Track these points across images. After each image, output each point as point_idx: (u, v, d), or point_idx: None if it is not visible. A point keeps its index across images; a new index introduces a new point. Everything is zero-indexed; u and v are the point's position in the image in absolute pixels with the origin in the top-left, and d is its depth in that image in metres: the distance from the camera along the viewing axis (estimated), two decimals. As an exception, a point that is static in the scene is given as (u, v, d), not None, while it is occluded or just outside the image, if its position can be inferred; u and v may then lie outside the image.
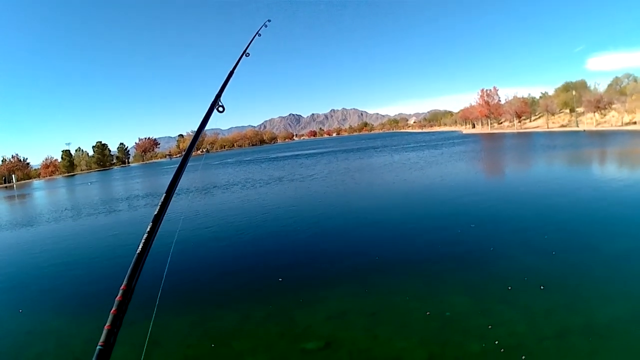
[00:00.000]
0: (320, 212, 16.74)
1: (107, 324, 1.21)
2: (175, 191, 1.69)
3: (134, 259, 1.39)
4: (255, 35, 3.51)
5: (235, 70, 2.86)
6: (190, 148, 2.04)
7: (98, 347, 1.15)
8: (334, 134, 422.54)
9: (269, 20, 3.85)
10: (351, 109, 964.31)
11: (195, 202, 23.97)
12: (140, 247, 1.43)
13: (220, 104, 2.31)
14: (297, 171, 37.95)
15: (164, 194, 1.64)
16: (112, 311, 1.24)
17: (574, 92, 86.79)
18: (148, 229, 1.49)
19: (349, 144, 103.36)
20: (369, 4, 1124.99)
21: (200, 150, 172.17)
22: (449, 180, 22.36)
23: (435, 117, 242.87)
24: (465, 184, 20.74)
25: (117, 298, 1.28)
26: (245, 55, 3.14)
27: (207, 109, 2.27)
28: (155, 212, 1.56)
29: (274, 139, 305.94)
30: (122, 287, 1.30)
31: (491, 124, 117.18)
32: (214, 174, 49.18)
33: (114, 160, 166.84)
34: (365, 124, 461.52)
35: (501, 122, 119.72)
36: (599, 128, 70.34)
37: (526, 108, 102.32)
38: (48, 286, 10.78)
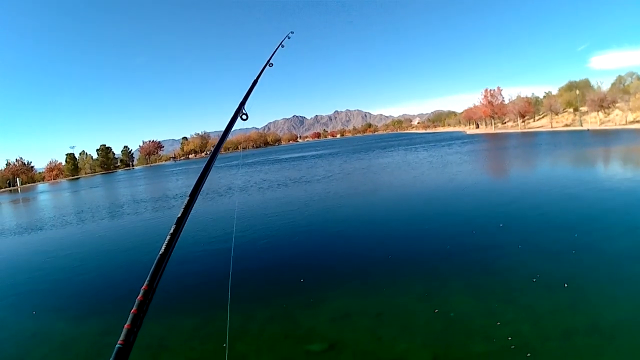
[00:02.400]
0: (335, 213, 16.74)
1: (127, 323, 1.20)
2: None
3: (156, 259, 1.37)
4: (278, 47, 3.58)
5: (258, 80, 2.90)
6: (215, 151, 2.12)
7: (117, 346, 1.14)
8: (338, 136, 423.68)
9: (292, 32, 3.96)
10: (355, 110, 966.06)
11: (209, 203, 23.97)
12: (162, 248, 1.42)
13: (244, 111, 2.36)
14: (313, 172, 37.87)
15: (188, 197, 1.63)
16: (132, 311, 1.23)
17: (577, 92, 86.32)
18: (171, 231, 1.47)
19: (357, 145, 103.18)
20: (373, 5, 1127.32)
21: (204, 152, 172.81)
22: (466, 180, 22.22)
23: (439, 117, 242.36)
24: (478, 185, 20.64)
25: (138, 298, 1.26)
26: (269, 66, 3.20)
27: (231, 116, 2.32)
28: (179, 215, 1.55)
29: (277, 140, 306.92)
30: (143, 287, 1.29)
31: (495, 124, 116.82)
32: (229, 174, 49.47)
33: (118, 164, 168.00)
34: (369, 125, 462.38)
35: (505, 122, 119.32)
36: (603, 127, 69.91)
37: (530, 108, 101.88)
38: (60, 291, 10.94)
